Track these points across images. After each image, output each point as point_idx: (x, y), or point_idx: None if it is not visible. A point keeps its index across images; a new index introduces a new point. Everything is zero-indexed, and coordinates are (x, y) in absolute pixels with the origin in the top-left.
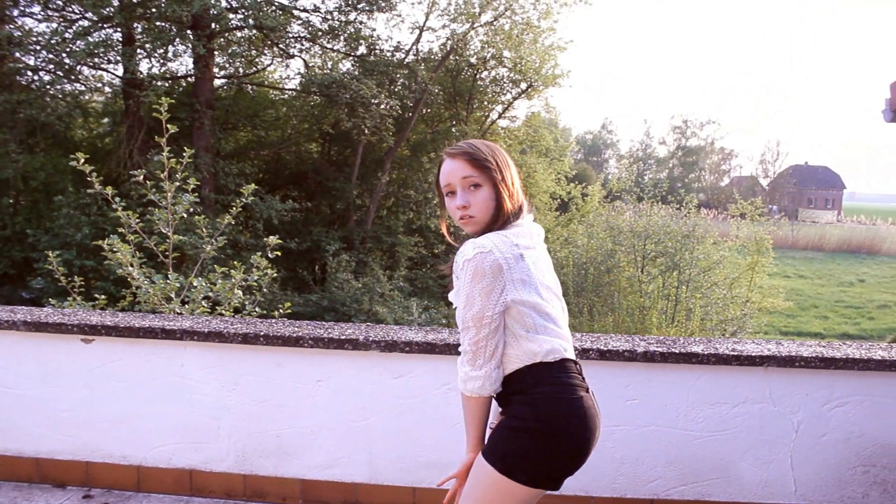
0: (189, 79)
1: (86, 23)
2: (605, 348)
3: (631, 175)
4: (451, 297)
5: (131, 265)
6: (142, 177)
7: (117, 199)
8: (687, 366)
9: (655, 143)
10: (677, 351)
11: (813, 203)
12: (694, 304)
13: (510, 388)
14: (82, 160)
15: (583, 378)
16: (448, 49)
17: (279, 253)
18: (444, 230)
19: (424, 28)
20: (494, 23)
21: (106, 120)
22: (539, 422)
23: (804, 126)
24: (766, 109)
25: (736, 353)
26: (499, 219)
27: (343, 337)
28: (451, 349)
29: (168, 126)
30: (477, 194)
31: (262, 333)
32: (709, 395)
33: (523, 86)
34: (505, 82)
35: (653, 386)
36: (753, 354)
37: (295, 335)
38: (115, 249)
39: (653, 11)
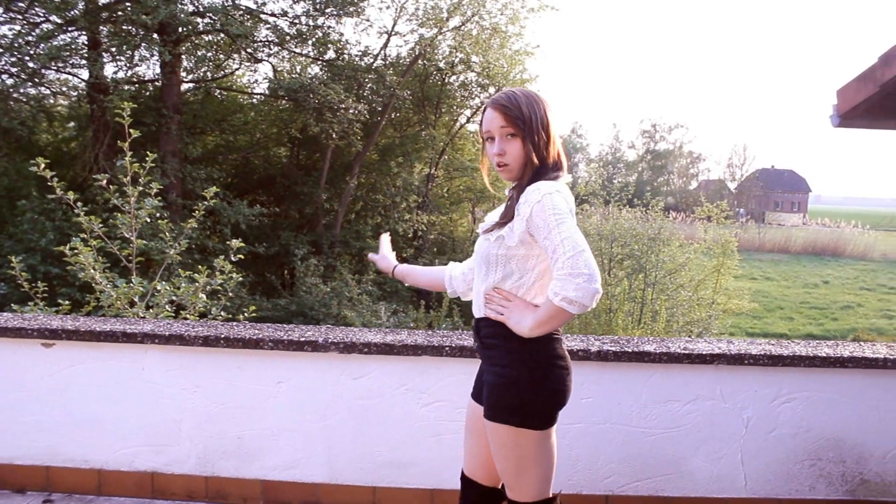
0: (156, 83)
1: (50, 26)
2: None
3: (600, 179)
4: (488, 228)
5: (94, 269)
6: (105, 181)
7: (79, 203)
8: (639, 364)
9: (625, 146)
10: (630, 350)
11: (779, 206)
12: (660, 306)
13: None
14: (43, 165)
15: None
16: (416, 54)
17: (243, 256)
18: (484, 173)
19: (392, 33)
20: (462, 28)
21: (71, 124)
22: (529, 370)
23: (771, 129)
24: (734, 113)
25: (687, 352)
26: (533, 168)
27: (303, 339)
28: (409, 350)
29: (131, 130)
30: (513, 144)
31: (222, 336)
32: (661, 393)
33: (492, 90)
34: (473, 87)
35: (607, 384)
36: (704, 353)
37: (255, 337)
38: (77, 252)
39: (621, 17)
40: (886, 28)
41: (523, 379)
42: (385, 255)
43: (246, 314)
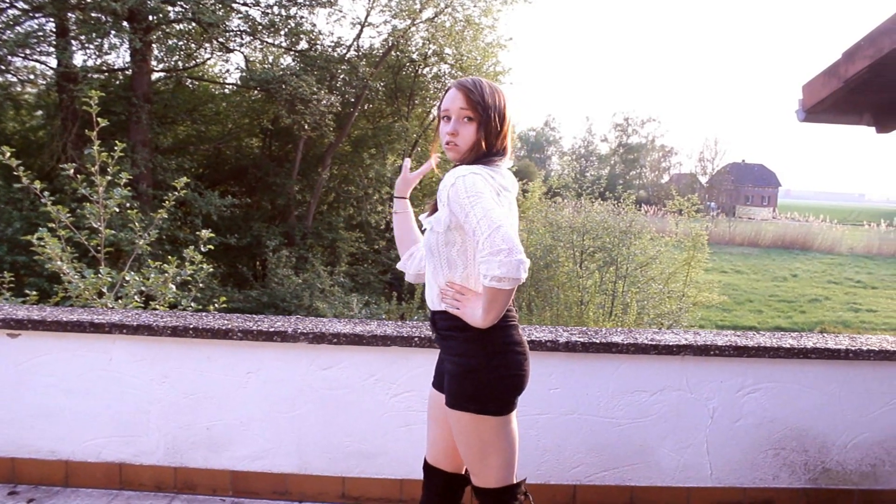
0: (126, 72)
1: (16, 12)
2: (528, 339)
3: (573, 172)
4: (425, 218)
5: (61, 260)
6: (73, 171)
7: (47, 193)
8: (607, 355)
9: (598, 140)
10: (598, 341)
11: (750, 200)
12: (631, 299)
13: (457, 321)
14: (9, 154)
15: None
16: (389, 45)
17: (213, 247)
18: (432, 152)
19: (365, 24)
20: (435, 19)
21: (39, 113)
22: (486, 358)
23: (742, 124)
24: (706, 107)
25: (654, 343)
26: (478, 154)
27: (272, 329)
28: (379, 340)
29: (99, 120)
30: (467, 126)
31: (191, 326)
32: (629, 384)
33: None
34: (446, 79)
35: (575, 375)
36: (671, 344)
37: (224, 328)
38: (44, 244)
39: (594, 10)
40: (852, 24)
41: (481, 366)
42: (409, 179)
43: (217, 305)
